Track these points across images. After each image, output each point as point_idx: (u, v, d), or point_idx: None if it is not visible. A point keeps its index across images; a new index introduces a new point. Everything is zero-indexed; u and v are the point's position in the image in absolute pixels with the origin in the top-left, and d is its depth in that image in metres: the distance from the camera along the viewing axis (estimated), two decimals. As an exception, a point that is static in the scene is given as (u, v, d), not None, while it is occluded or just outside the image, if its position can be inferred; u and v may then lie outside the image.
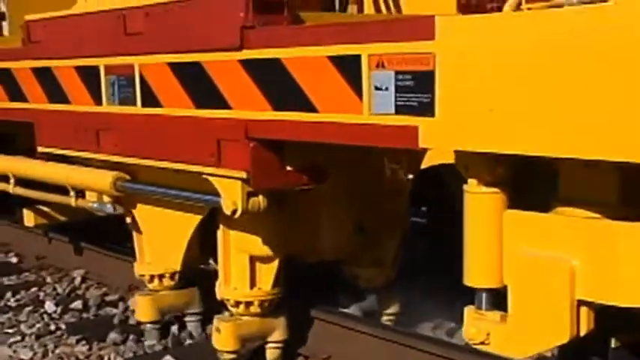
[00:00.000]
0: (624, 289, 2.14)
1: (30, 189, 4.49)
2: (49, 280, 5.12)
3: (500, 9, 2.22)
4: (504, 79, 2.10)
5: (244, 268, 3.27)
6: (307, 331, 3.58)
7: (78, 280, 5.00)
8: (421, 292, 3.86)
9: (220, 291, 3.37)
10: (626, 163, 1.94)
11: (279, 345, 3.45)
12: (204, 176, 3.07)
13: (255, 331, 3.39)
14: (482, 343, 2.45)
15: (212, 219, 3.37)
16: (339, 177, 3.15)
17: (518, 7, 2.23)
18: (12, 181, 4.53)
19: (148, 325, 3.83)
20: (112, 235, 4.95)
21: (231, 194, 2.97)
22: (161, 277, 3.80)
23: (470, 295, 2.50)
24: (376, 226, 3.58)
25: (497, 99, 2.12)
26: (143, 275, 3.85)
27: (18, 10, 5.01)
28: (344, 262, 3.71)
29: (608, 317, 2.36)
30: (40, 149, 4.03)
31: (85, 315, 4.38)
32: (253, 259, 3.29)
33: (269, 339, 3.44)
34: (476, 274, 2.44)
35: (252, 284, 3.30)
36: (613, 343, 2.55)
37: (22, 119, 4.19)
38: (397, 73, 2.35)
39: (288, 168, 2.93)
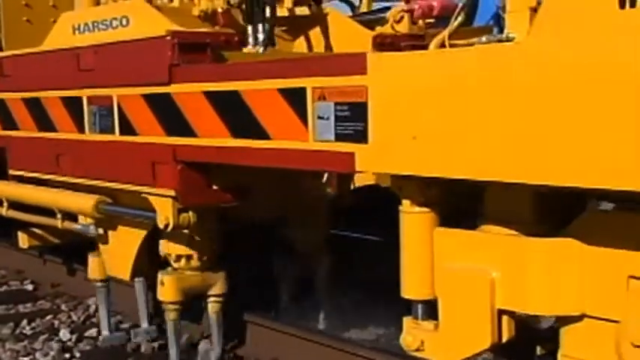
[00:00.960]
0: (534, 299, 2.37)
1: (22, 212, 4.73)
2: (64, 307, 5.23)
3: (414, 47, 2.46)
4: (425, 109, 2.34)
5: None
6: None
7: (92, 308, 5.06)
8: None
9: (162, 247, 3.70)
10: (534, 186, 2.18)
11: (218, 299, 3.79)
12: (143, 194, 3.46)
13: (196, 284, 3.73)
14: (417, 349, 2.67)
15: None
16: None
17: (442, 46, 2.48)
18: (5, 204, 4.77)
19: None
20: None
21: (163, 210, 3.37)
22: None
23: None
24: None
25: (419, 127, 2.36)
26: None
27: (13, 42, 5.29)
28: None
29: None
30: (10, 172, 4.46)
31: (99, 343, 4.46)
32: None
33: (209, 292, 3.77)
34: (411, 286, 2.68)
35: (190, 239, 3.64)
36: (538, 351, 2.76)
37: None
38: (336, 104, 2.60)
39: (214, 187, 3.32)
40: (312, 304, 4.42)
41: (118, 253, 4.04)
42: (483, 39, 2.30)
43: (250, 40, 3.70)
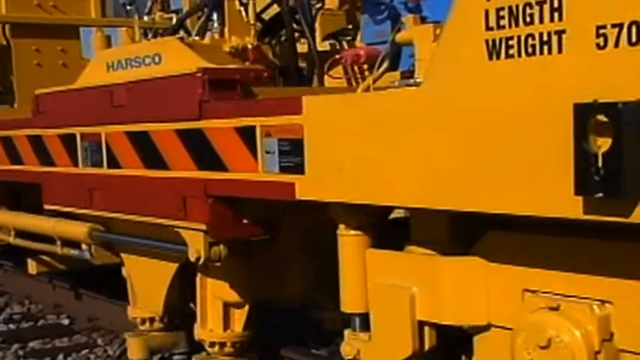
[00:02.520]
0: (447, 310, 2.68)
1: (28, 240, 5.14)
2: (100, 342, 5.40)
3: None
4: (349, 145, 2.69)
5: (219, 312, 3.80)
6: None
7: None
8: None
9: (198, 332, 3.91)
10: (441, 210, 2.51)
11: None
12: (175, 229, 3.57)
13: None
14: (354, 358, 3.00)
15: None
16: (297, 229, 3.65)
17: (367, 89, 2.84)
18: (12, 233, 5.19)
19: None
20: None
21: (194, 244, 3.47)
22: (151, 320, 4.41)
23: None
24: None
25: (344, 161, 2.71)
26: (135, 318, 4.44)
27: (24, 84, 5.74)
28: (310, 306, 4.19)
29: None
30: (45, 207, 4.58)
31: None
32: (226, 305, 3.82)
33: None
34: (348, 302, 3.01)
35: (226, 327, 3.82)
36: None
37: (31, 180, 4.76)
38: (279, 140, 2.96)
39: (244, 221, 3.42)
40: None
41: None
42: (396, 83, 2.65)
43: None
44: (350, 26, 4.05)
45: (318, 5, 4.01)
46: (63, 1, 6.02)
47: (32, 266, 5.80)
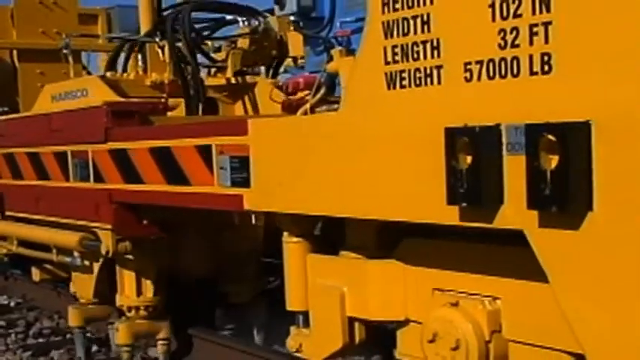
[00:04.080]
0: (371, 307, 3.05)
1: (29, 248, 5.57)
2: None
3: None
4: (286, 162, 3.07)
5: (132, 282, 4.54)
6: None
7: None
8: None
9: (118, 299, 4.63)
10: (368, 220, 2.88)
11: (165, 342, 4.71)
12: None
13: (145, 330, 4.63)
14: (297, 351, 3.37)
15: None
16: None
17: (305, 113, 3.22)
18: (15, 242, 5.63)
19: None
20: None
21: (105, 240, 4.25)
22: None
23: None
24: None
25: (283, 176, 3.09)
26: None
27: (29, 105, 6.20)
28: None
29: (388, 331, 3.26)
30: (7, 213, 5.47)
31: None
32: (138, 276, 4.55)
33: (157, 337, 4.67)
34: (292, 301, 3.38)
35: (139, 293, 4.55)
36: (396, 354, 3.41)
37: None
38: (231, 157, 3.35)
39: (144, 222, 4.18)
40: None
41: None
42: (324, 107, 3.03)
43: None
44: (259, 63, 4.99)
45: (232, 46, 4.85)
46: (67, 28, 6.48)
47: (36, 274, 6.23)
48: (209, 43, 5.41)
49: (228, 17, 5.23)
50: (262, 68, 5.33)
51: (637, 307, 2.03)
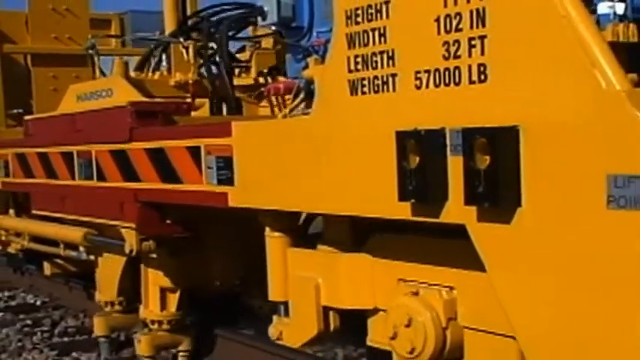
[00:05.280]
0: (343, 297, 3.28)
1: (39, 244, 5.86)
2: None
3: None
4: (265, 161, 3.32)
5: (156, 295, 4.59)
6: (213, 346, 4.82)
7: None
8: None
9: (141, 312, 4.70)
10: (340, 216, 3.11)
11: (186, 353, 4.77)
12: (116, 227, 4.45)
13: (166, 342, 4.68)
14: (278, 338, 3.61)
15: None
16: (220, 230, 4.41)
17: (285, 116, 3.46)
18: (27, 237, 5.93)
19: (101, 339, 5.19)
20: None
21: (129, 239, 4.30)
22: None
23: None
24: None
25: (262, 174, 3.34)
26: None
27: (42, 107, 6.50)
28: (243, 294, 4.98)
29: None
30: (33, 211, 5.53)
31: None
32: (162, 290, 4.58)
33: (179, 348, 4.72)
34: (274, 292, 3.62)
35: (162, 308, 4.60)
36: (367, 341, 3.63)
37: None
38: (217, 157, 3.60)
39: (167, 221, 4.23)
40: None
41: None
42: (300, 111, 3.27)
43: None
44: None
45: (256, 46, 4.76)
46: (79, 33, 6.77)
47: (47, 268, 6.53)
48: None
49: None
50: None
51: (562, 296, 2.24)
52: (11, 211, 6.59)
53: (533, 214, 2.26)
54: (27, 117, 5.50)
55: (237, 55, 5.24)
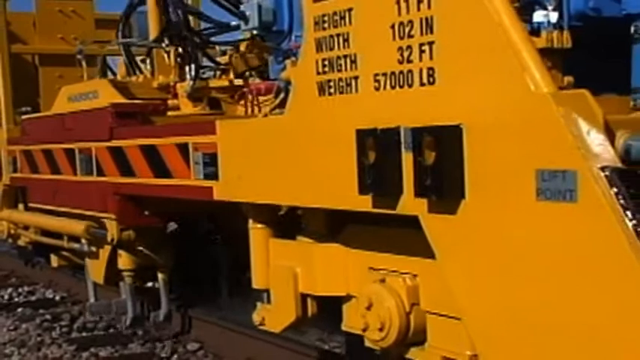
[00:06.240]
0: (319, 284, 3.49)
1: (44, 236, 6.13)
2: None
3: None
4: (244, 158, 3.54)
5: None
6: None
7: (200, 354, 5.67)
8: None
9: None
10: (314, 208, 3.33)
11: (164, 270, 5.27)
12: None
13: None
14: (260, 324, 3.83)
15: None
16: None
17: (265, 115, 3.68)
18: (33, 231, 6.19)
19: None
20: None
21: (111, 229, 4.68)
22: None
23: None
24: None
25: (242, 170, 3.56)
26: None
27: (49, 106, 6.76)
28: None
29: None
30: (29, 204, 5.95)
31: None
32: None
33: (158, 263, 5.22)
34: (257, 280, 3.83)
35: None
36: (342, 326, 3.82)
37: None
38: (203, 154, 3.82)
39: (145, 212, 4.61)
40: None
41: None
42: (276, 111, 3.49)
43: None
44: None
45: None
46: (84, 34, 7.03)
47: (54, 260, 6.78)
48: (216, 47, 5.80)
49: (233, 23, 5.65)
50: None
51: (501, 280, 2.45)
52: (20, 206, 6.86)
53: (475, 206, 2.46)
54: (23, 117, 5.83)
55: (218, 59, 5.55)
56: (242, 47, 4.71)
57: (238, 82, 5.15)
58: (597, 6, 2.64)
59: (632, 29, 2.53)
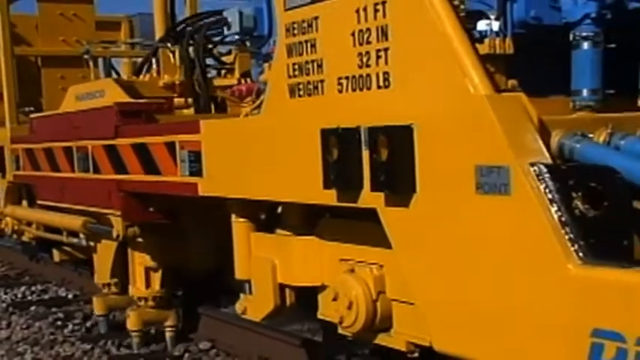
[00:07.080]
0: (296, 275, 3.70)
1: (46, 232, 6.37)
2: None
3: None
4: (226, 155, 3.76)
5: (142, 275, 5.12)
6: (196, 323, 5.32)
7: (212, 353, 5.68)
8: None
9: (130, 291, 5.24)
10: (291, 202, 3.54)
11: (172, 329, 5.30)
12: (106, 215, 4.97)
13: (154, 318, 5.20)
14: (243, 313, 4.05)
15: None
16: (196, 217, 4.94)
17: (246, 115, 3.89)
18: (35, 226, 6.43)
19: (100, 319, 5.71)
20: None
21: (116, 225, 4.78)
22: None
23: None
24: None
25: (225, 167, 3.78)
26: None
27: (52, 106, 7.00)
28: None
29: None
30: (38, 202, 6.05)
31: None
32: (147, 269, 5.11)
33: (165, 324, 5.23)
34: (239, 271, 4.05)
35: (147, 285, 5.13)
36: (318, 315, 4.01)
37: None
38: (189, 152, 4.05)
39: (150, 209, 4.70)
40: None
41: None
42: (256, 111, 3.70)
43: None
44: None
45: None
46: (85, 36, 7.26)
47: (56, 255, 7.03)
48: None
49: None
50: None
51: (448, 268, 2.66)
52: (24, 202, 7.11)
53: (425, 199, 2.67)
54: (32, 115, 6.01)
55: (224, 58, 5.68)
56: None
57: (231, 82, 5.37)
58: (539, 15, 2.84)
59: (571, 37, 2.74)
